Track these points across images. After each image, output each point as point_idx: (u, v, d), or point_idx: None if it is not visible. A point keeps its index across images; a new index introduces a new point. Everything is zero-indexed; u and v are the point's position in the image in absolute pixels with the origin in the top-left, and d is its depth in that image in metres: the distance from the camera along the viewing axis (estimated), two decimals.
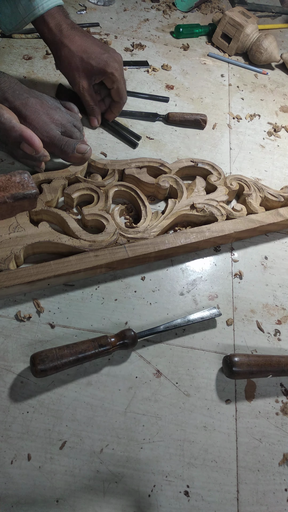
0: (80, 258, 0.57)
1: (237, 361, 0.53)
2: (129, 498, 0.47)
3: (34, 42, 0.88)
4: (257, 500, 0.49)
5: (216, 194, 0.69)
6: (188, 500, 0.48)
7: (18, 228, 0.58)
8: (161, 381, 0.54)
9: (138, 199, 0.66)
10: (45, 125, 0.63)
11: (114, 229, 0.61)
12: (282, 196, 0.72)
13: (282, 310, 0.63)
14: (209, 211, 0.67)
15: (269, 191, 0.72)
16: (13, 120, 0.59)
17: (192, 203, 0.67)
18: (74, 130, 0.65)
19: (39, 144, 0.59)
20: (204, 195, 0.69)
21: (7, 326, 0.54)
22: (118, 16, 1.01)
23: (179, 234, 0.63)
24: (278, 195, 0.72)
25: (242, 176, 0.73)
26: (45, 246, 0.59)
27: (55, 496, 0.45)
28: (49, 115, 0.63)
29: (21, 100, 0.62)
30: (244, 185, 0.72)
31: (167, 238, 0.62)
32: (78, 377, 0.52)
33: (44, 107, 0.64)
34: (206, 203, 0.67)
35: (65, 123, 0.65)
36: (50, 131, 0.63)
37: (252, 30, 0.97)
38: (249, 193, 0.71)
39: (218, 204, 0.68)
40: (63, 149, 0.63)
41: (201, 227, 0.65)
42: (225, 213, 0.68)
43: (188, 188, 0.70)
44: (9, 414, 0.49)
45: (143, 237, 0.62)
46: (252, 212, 0.70)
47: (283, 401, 0.56)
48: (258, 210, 0.70)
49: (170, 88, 0.89)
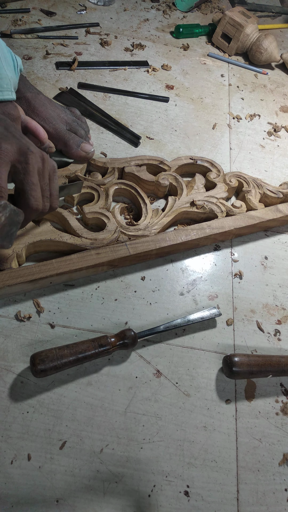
0: (82, 256, 0.57)
1: (237, 361, 0.53)
2: (129, 498, 0.47)
3: (34, 42, 0.88)
4: (257, 500, 0.49)
5: (216, 191, 0.69)
6: (188, 500, 0.48)
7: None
8: (161, 381, 0.54)
9: (138, 196, 0.66)
10: (52, 118, 0.64)
11: (115, 227, 0.61)
12: (281, 193, 0.72)
13: (282, 310, 0.63)
14: (209, 208, 0.67)
15: (268, 188, 0.72)
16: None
17: (192, 200, 0.67)
18: (79, 128, 0.66)
19: (44, 135, 0.60)
20: (203, 192, 0.69)
21: (7, 326, 0.54)
22: (118, 16, 1.01)
23: (180, 231, 0.63)
24: (277, 192, 0.72)
25: (241, 173, 0.73)
26: (46, 244, 0.59)
27: (55, 496, 0.45)
28: (56, 111, 0.65)
29: (31, 93, 0.64)
30: (243, 181, 0.73)
31: (168, 235, 0.62)
32: (78, 377, 0.52)
33: (52, 104, 0.66)
34: (206, 200, 0.67)
35: (70, 122, 0.66)
36: (57, 124, 0.64)
37: (252, 30, 0.97)
38: (248, 190, 0.71)
39: (217, 201, 0.68)
40: (68, 143, 0.64)
41: (201, 224, 0.65)
42: (225, 210, 0.68)
43: (188, 185, 0.70)
44: (9, 414, 0.49)
45: (144, 235, 0.62)
46: (251, 209, 0.70)
47: (283, 401, 0.56)
48: (257, 206, 0.70)
49: (170, 88, 0.89)
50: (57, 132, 0.64)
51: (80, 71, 0.86)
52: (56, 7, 0.98)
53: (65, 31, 0.93)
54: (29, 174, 0.47)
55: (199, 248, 0.67)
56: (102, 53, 0.91)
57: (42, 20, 0.93)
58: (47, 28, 0.91)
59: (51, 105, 0.65)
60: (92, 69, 0.87)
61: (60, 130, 0.64)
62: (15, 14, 0.93)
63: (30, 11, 0.94)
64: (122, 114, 0.82)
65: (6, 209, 0.44)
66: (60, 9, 0.98)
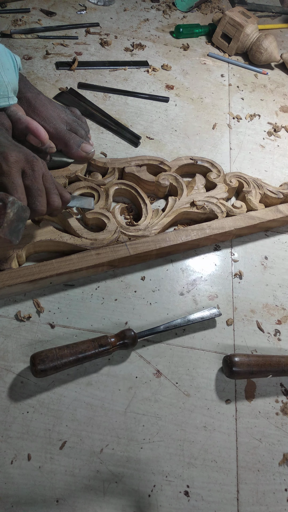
0: (82, 256, 0.57)
1: (237, 361, 0.53)
2: (129, 498, 0.47)
3: (34, 42, 0.88)
4: (257, 500, 0.49)
5: (216, 192, 0.69)
6: (188, 500, 0.48)
7: None
8: (161, 381, 0.54)
9: (139, 197, 0.66)
10: (52, 118, 0.64)
11: (115, 227, 0.61)
12: (281, 193, 0.72)
13: (282, 310, 0.63)
14: (209, 208, 0.67)
15: (269, 188, 0.73)
16: (19, 113, 0.60)
17: (192, 201, 0.67)
18: (79, 129, 0.66)
19: (45, 136, 0.60)
20: (204, 192, 0.69)
21: (7, 326, 0.54)
22: (118, 16, 1.01)
23: (180, 231, 0.63)
24: (278, 192, 0.72)
25: (241, 173, 0.73)
26: (46, 244, 0.59)
27: (55, 496, 0.45)
28: (56, 111, 0.65)
29: (32, 93, 0.64)
30: (243, 182, 0.73)
31: (168, 235, 0.62)
32: (78, 377, 0.52)
33: (52, 104, 0.66)
34: (206, 201, 0.68)
35: (71, 122, 0.66)
36: (57, 124, 0.64)
37: (252, 30, 0.97)
38: (248, 190, 0.71)
39: (218, 201, 0.68)
40: (69, 143, 0.64)
41: (201, 224, 0.65)
42: (225, 210, 0.68)
43: (188, 185, 0.71)
44: (9, 414, 0.49)
45: (144, 235, 0.62)
46: (252, 209, 0.70)
47: (283, 401, 0.56)
48: (257, 207, 0.70)
49: (170, 88, 0.89)
50: (57, 132, 0.64)
51: (80, 71, 0.86)
52: (56, 7, 0.98)
53: (65, 31, 0.93)
54: (36, 180, 0.51)
55: (199, 248, 0.67)
56: (102, 53, 0.91)
57: (42, 20, 0.93)
58: (47, 28, 0.91)
59: (51, 105, 0.65)
60: (92, 69, 0.87)
61: (61, 130, 0.64)
62: (15, 14, 0.93)
63: (30, 11, 0.94)
64: (122, 114, 0.82)
65: (15, 205, 0.46)
66: (60, 9, 0.98)
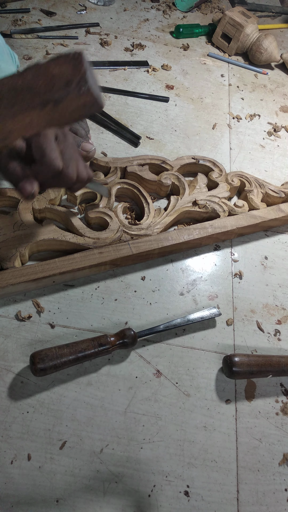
0: (85, 255, 0.58)
1: (237, 361, 0.53)
2: (129, 498, 0.46)
3: (34, 42, 0.88)
4: (257, 500, 0.49)
5: (218, 191, 0.70)
6: (188, 500, 0.48)
7: (23, 226, 0.58)
8: (161, 381, 0.54)
9: (141, 196, 0.66)
10: None
11: (117, 226, 0.61)
12: (283, 192, 0.72)
13: (282, 310, 0.63)
14: (211, 207, 0.67)
15: (270, 187, 0.73)
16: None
17: (194, 200, 0.67)
18: (78, 128, 0.66)
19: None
20: (206, 191, 0.69)
21: (7, 326, 0.54)
22: (118, 16, 1.01)
23: (182, 230, 0.63)
24: (279, 191, 0.72)
25: (243, 173, 0.73)
26: (49, 244, 0.59)
27: (55, 496, 0.45)
28: None
29: None
30: (245, 181, 0.73)
31: (170, 234, 0.63)
32: (78, 377, 0.52)
33: None
34: (208, 200, 0.68)
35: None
36: None
37: (252, 30, 0.97)
38: (250, 189, 0.71)
39: (220, 201, 0.68)
40: None
41: (203, 224, 0.65)
42: (227, 209, 0.68)
43: (190, 185, 0.71)
44: (9, 414, 0.49)
45: (147, 234, 0.62)
46: (253, 208, 0.70)
47: (283, 401, 0.56)
48: (259, 206, 0.70)
49: (170, 88, 0.89)
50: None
51: None
52: (56, 7, 0.98)
53: (65, 31, 0.93)
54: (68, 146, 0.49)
55: (199, 248, 0.67)
56: (102, 53, 0.91)
57: (42, 20, 0.93)
58: (47, 28, 0.91)
59: None
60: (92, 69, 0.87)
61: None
62: (15, 14, 0.93)
63: (30, 11, 0.94)
64: (122, 114, 0.82)
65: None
66: (60, 9, 0.98)
